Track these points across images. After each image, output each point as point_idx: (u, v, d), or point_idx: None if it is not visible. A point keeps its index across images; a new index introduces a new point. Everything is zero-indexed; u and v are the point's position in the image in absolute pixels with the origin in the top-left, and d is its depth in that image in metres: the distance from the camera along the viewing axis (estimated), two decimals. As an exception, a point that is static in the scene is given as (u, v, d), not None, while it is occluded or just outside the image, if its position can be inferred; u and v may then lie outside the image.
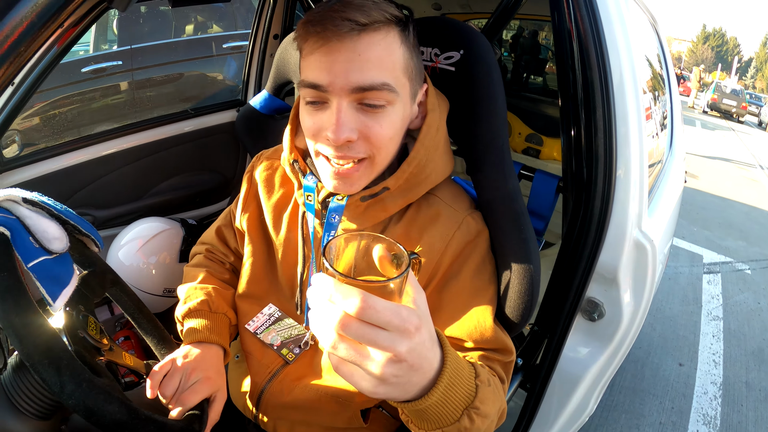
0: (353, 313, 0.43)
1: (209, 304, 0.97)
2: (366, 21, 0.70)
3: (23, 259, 0.62)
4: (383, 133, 0.76)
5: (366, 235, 0.52)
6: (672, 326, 3.19)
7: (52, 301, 0.64)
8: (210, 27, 5.32)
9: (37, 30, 0.50)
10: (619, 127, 1.02)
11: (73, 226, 0.73)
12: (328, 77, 0.72)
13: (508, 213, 0.86)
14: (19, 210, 0.66)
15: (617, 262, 1.08)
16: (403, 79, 0.77)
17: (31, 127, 3.86)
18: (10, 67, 0.50)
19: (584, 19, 0.99)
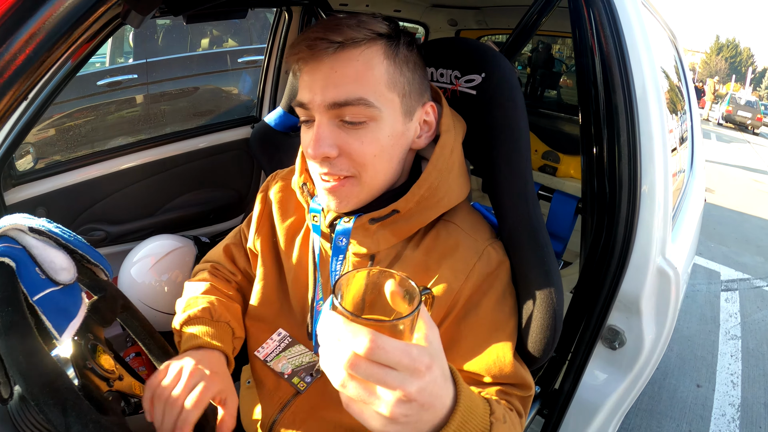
0: (362, 354, 0.43)
1: (211, 313, 0.91)
2: (341, 39, 0.71)
3: (29, 291, 0.60)
4: (364, 150, 0.75)
5: (377, 269, 0.51)
6: (690, 346, 3.12)
7: (59, 335, 0.62)
8: (225, 41, 5.35)
9: (49, 47, 0.48)
10: (644, 151, 0.99)
11: (81, 256, 0.71)
12: (309, 95, 0.74)
13: (531, 244, 0.83)
14: (26, 239, 0.64)
15: (640, 291, 1.05)
16: (389, 94, 0.75)
17: (46, 139, 3.88)
18: (23, 84, 0.48)
19: (608, 38, 0.97)
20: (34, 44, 0.47)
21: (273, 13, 2.03)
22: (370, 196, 0.81)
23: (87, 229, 1.81)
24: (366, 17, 0.75)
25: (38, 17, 0.47)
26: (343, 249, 0.83)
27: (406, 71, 0.76)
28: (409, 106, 0.78)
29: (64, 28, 0.49)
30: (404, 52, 0.77)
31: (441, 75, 0.93)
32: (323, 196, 0.81)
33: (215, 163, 2.10)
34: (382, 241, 0.82)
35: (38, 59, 0.48)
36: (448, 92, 0.93)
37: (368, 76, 0.73)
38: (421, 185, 0.79)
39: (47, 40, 0.47)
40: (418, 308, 0.45)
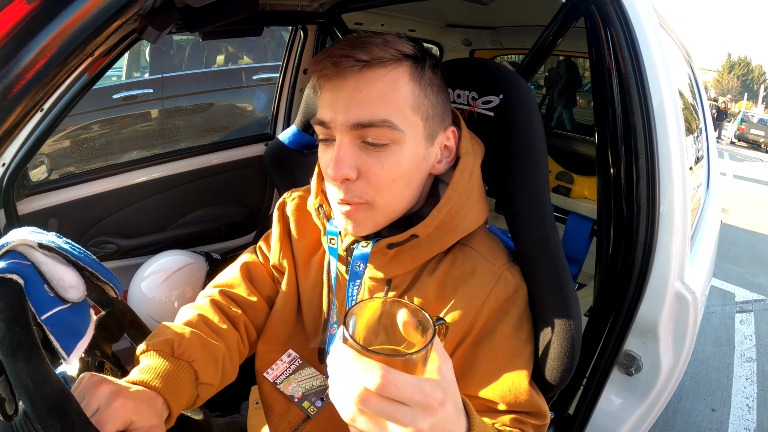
0: (373, 389, 0.42)
1: (173, 346, 0.77)
2: (367, 58, 0.69)
3: (37, 310, 0.58)
4: (384, 173, 0.73)
5: (390, 299, 0.50)
6: (704, 369, 3.06)
7: (67, 355, 0.61)
8: (241, 58, 5.40)
9: (61, 60, 0.47)
10: (662, 172, 0.97)
11: (91, 273, 0.70)
12: (331, 113, 0.72)
13: (549, 270, 0.81)
14: (35, 255, 0.62)
15: (657, 316, 1.03)
16: (413, 117, 0.73)
17: (60, 151, 3.92)
18: (34, 97, 0.47)
19: (625, 59, 0.96)
20: (45, 58, 0.46)
21: (288, 31, 2.04)
22: (387, 220, 0.79)
23: (98, 242, 1.81)
24: (392, 37, 0.73)
25: (51, 31, 0.46)
26: (360, 274, 0.82)
27: (430, 94, 0.75)
28: (432, 130, 0.76)
29: (77, 43, 0.48)
30: (429, 75, 0.75)
31: (458, 96, 0.92)
32: (340, 220, 0.79)
33: (228, 179, 2.10)
34: (400, 267, 0.80)
35: (49, 73, 0.47)
36: (465, 113, 0.92)
37: (394, 97, 0.71)
38: (441, 210, 0.77)
39: (59, 54, 0.47)
40: (432, 341, 0.44)
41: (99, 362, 0.73)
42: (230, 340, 0.88)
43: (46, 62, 0.46)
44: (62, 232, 1.66)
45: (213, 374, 0.81)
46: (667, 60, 1.03)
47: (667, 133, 0.97)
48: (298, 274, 0.95)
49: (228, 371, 0.86)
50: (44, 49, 0.46)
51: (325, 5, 1.79)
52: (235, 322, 0.92)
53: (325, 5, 1.79)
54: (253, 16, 1.60)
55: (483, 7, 2.12)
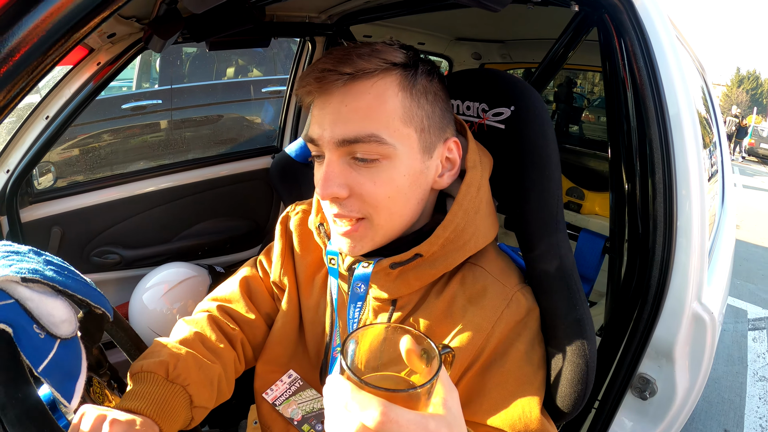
0: (372, 426, 0.39)
1: (168, 369, 0.75)
2: (351, 70, 0.66)
3: (32, 362, 0.54)
4: (377, 191, 0.69)
5: (392, 325, 0.47)
6: (716, 388, 2.99)
7: (68, 402, 0.56)
8: (250, 71, 5.41)
9: (45, 49, 0.45)
10: (680, 187, 0.94)
11: (80, 300, 0.65)
12: (319, 130, 0.70)
13: (563, 290, 0.77)
14: (18, 291, 0.57)
15: (674, 338, 0.99)
16: (405, 129, 0.69)
17: (68, 159, 3.94)
18: (18, 83, 0.45)
19: (641, 69, 0.93)
20: (27, 46, 0.44)
21: (296, 43, 2.04)
22: (386, 239, 0.75)
23: (101, 252, 1.80)
24: (381, 45, 0.70)
25: (34, 18, 0.44)
26: (362, 296, 0.78)
27: (424, 104, 0.71)
28: (429, 142, 0.72)
29: (61, 32, 0.45)
30: (423, 83, 0.71)
31: (467, 108, 0.89)
32: (336, 239, 0.76)
33: (234, 191, 2.09)
34: (405, 287, 0.77)
35: (31, 62, 0.45)
36: (474, 126, 0.88)
37: (381, 110, 0.67)
38: (447, 227, 0.73)
39: (42, 42, 0.44)
40: (438, 374, 0.41)
41: (88, 378, 0.70)
42: (227, 359, 0.87)
43: (28, 50, 0.44)
44: (65, 241, 1.66)
45: (208, 397, 0.80)
46: (684, 70, 1.00)
47: (684, 147, 0.93)
48: (300, 292, 0.91)
49: (224, 390, 0.85)
50: (28, 35, 0.44)
51: (334, 17, 1.79)
52: (232, 341, 0.90)
53: (334, 17, 1.79)
54: (261, 27, 1.60)
55: (493, 20, 2.13)
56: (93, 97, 1.46)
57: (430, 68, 0.74)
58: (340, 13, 1.74)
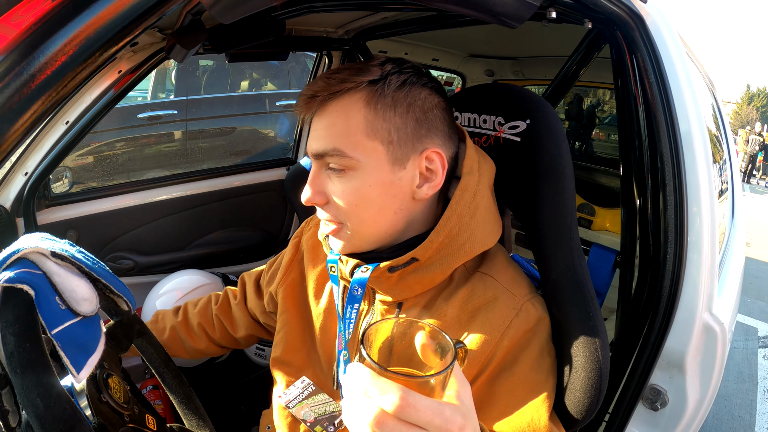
0: (391, 411, 0.40)
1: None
2: (324, 94, 0.73)
3: (47, 324, 0.57)
4: (345, 198, 0.75)
5: (406, 320, 0.48)
6: (726, 406, 2.96)
7: (77, 372, 0.58)
8: (265, 84, 5.45)
9: (84, 59, 0.46)
10: (691, 202, 0.94)
11: (105, 285, 0.68)
12: (307, 145, 0.79)
13: (576, 298, 0.78)
14: (47, 265, 0.60)
15: (685, 348, 0.99)
16: (369, 143, 0.72)
17: (84, 165, 3.99)
18: (55, 93, 0.46)
19: (652, 85, 0.95)
20: (66, 55, 0.45)
21: (312, 58, 2.07)
22: (365, 243, 0.79)
23: (115, 257, 1.82)
24: (360, 64, 0.75)
25: (75, 28, 0.45)
26: (359, 298, 0.80)
27: (391, 116, 0.72)
28: (399, 154, 0.74)
29: (101, 42, 0.47)
30: (392, 95, 0.73)
31: (484, 121, 0.91)
32: (328, 239, 0.83)
33: (249, 202, 2.11)
34: (406, 290, 0.79)
35: (71, 70, 0.46)
36: (491, 139, 0.91)
37: (344, 125, 0.73)
38: (440, 231, 0.75)
39: (81, 52, 0.46)
40: (453, 364, 0.43)
41: (107, 375, 0.71)
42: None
43: (67, 59, 0.45)
44: (80, 245, 1.66)
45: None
46: (694, 87, 1.01)
47: (695, 161, 0.95)
48: (312, 300, 0.94)
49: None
50: (67, 44, 0.45)
51: (351, 32, 1.82)
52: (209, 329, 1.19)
53: (351, 32, 1.82)
54: (280, 41, 1.62)
55: (506, 38, 2.15)
56: (113, 104, 1.49)
57: (406, 78, 0.74)
58: (357, 28, 1.77)
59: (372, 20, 1.65)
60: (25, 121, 0.44)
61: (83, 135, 1.51)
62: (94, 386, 0.67)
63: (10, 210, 1.50)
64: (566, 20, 0.96)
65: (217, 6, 0.65)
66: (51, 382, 0.53)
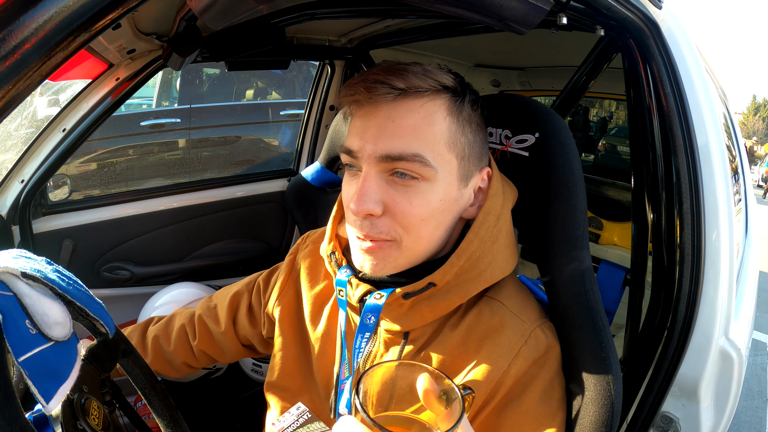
0: None
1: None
2: (403, 86, 0.65)
3: (14, 350, 0.52)
4: (413, 211, 0.67)
5: (409, 363, 0.45)
6: (736, 424, 2.89)
7: (46, 402, 0.54)
8: (269, 93, 5.46)
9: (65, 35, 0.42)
10: (708, 218, 0.90)
11: (80, 308, 0.63)
12: (359, 142, 0.68)
13: (587, 325, 0.73)
14: (18, 286, 0.56)
15: (699, 375, 0.94)
16: (448, 155, 0.68)
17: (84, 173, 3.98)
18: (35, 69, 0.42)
19: (668, 96, 0.91)
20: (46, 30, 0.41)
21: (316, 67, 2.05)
22: (409, 263, 0.72)
23: (112, 267, 1.80)
24: (431, 67, 0.69)
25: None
26: (371, 327, 0.75)
27: (468, 132, 0.70)
28: (467, 171, 0.71)
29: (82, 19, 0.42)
30: (468, 111, 0.70)
31: (489, 134, 0.86)
32: (358, 256, 0.73)
33: (249, 213, 2.08)
34: (418, 319, 0.73)
35: (51, 45, 0.41)
36: (497, 153, 0.86)
37: (428, 131, 0.66)
38: (461, 255, 0.70)
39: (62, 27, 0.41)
40: (461, 420, 0.38)
41: (85, 399, 0.67)
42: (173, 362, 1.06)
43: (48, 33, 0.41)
44: (77, 254, 1.66)
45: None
46: (711, 97, 0.97)
47: (713, 176, 0.91)
48: (309, 323, 0.88)
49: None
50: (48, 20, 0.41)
51: (354, 41, 1.80)
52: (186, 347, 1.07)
53: (354, 41, 1.80)
54: (281, 49, 1.60)
55: (512, 47, 2.12)
56: (110, 112, 1.47)
57: (475, 98, 0.73)
58: (360, 37, 1.75)
59: (376, 28, 1.63)
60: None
61: (80, 143, 1.49)
62: (70, 412, 0.63)
63: (6, 218, 1.47)
64: (577, 27, 0.93)
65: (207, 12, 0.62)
66: (14, 414, 0.48)
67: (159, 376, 1.08)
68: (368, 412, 0.38)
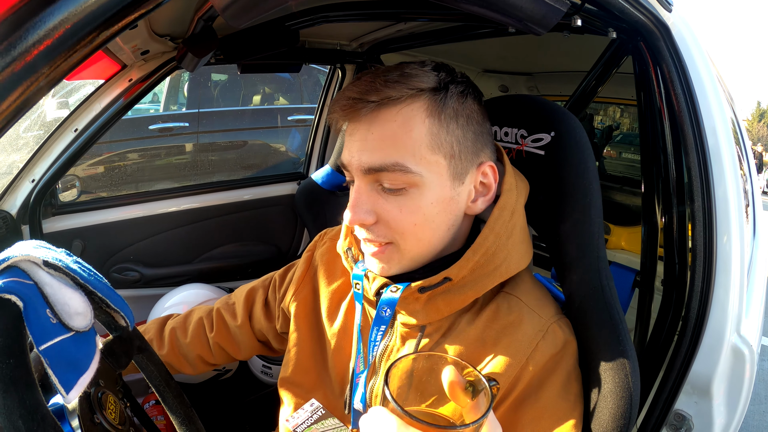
0: None
1: None
2: (377, 99, 0.66)
3: (35, 339, 0.52)
4: (403, 218, 0.68)
5: (435, 354, 0.45)
6: (744, 428, 2.85)
7: (66, 392, 0.53)
8: (277, 99, 5.47)
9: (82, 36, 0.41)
10: (720, 218, 0.90)
11: (101, 299, 0.63)
12: (348, 156, 0.70)
13: (605, 320, 0.74)
14: (39, 274, 0.56)
15: (712, 372, 0.94)
16: (432, 157, 0.67)
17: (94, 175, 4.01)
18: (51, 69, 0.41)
19: (679, 97, 0.92)
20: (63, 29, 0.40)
21: (324, 73, 2.06)
22: (414, 263, 0.73)
23: (121, 269, 1.80)
24: (412, 68, 0.68)
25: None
26: (387, 320, 0.76)
27: (454, 128, 0.69)
28: (460, 168, 0.70)
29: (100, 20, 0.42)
30: (453, 106, 0.69)
31: (505, 134, 0.87)
32: (368, 259, 0.75)
33: (258, 216, 2.08)
34: (434, 313, 0.73)
35: (67, 47, 0.40)
36: (513, 152, 0.87)
37: (406, 137, 0.66)
38: (476, 251, 0.70)
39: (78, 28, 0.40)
40: (489, 411, 0.39)
41: (102, 393, 0.67)
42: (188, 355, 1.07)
43: (63, 34, 0.40)
44: (86, 255, 1.67)
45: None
46: (721, 98, 0.98)
47: (724, 177, 0.91)
48: (325, 319, 0.89)
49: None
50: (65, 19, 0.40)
51: (365, 45, 1.81)
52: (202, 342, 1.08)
53: (365, 45, 1.81)
54: (293, 53, 1.61)
55: (521, 52, 2.13)
56: (123, 113, 1.48)
57: (463, 89, 0.71)
58: (371, 41, 1.76)
59: (386, 33, 1.64)
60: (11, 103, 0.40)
61: (92, 143, 1.50)
62: (87, 406, 0.63)
63: (16, 217, 1.48)
64: (589, 30, 0.94)
65: (230, 9, 0.62)
66: (35, 402, 0.48)
67: (172, 373, 1.08)
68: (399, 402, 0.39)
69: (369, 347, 0.78)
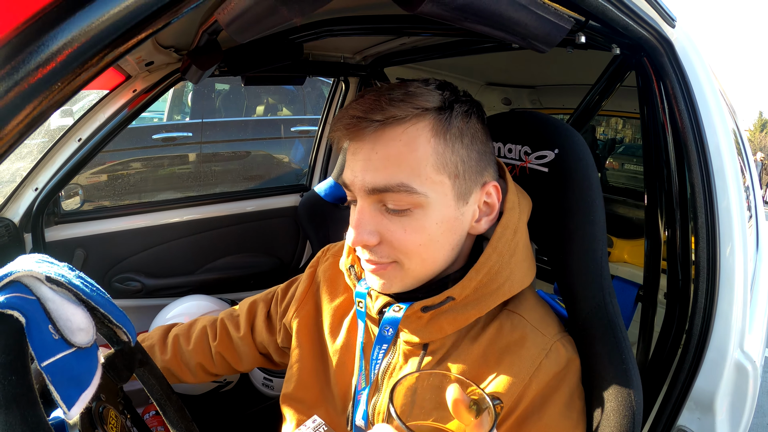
0: None
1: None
2: (381, 118, 0.65)
3: (37, 355, 0.52)
4: (408, 238, 0.67)
5: (439, 373, 0.45)
6: (748, 442, 2.83)
7: (68, 408, 0.53)
8: (280, 110, 5.48)
9: (87, 58, 0.41)
10: (723, 233, 0.90)
11: (103, 314, 0.63)
12: (350, 175, 0.69)
13: (608, 338, 0.73)
14: (41, 290, 0.55)
15: (715, 388, 0.94)
16: (437, 177, 0.66)
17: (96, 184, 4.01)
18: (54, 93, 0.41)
19: (682, 112, 0.92)
20: (69, 51, 0.40)
21: (328, 85, 2.07)
22: (416, 282, 0.73)
23: (123, 278, 1.80)
24: (416, 87, 0.68)
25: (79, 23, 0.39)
26: (389, 339, 0.75)
27: (459, 148, 0.68)
28: (464, 188, 0.69)
29: (107, 41, 0.42)
30: (459, 125, 0.68)
31: (509, 150, 0.87)
32: (369, 276, 0.74)
33: (261, 228, 2.08)
34: (437, 331, 0.73)
35: (71, 70, 0.40)
36: (516, 169, 0.87)
37: (411, 158, 0.65)
38: (479, 270, 0.70)
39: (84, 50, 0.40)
40: (492, 429, 0.39)
41: (103, 408, 0.67)
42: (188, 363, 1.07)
43: (69, 55, 0.39)
44: (88, 264, 1.67)
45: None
46: (723, 113, 0.98)
47: (727, 191, 0.91)
48: (328, 336, 0.88)
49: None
50: (71, 41, 0.39)
51: (368, 58, 1.81)
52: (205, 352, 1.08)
53: (368, 58, 1.81)
54: (297, 65, 1.62)
55: (525, 65, 2.14)
56: (126, 123, 1.49)
57: (467, 108, 0.71)
58: (374, 54, 1.77)
59: (390, 46, 1.65)
60: (20, 120, 0.40)
61: (95, 153, 1.50)
62: (88, 421, 0.63)
63: (19, 225, 1.48)
64: (593, 46, 0.94)
65: (234, 24, 0.63)
66: (37, 419, 0.48)
67: (172, 383, 1.08)
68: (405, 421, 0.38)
69: (371, 365, 0.78)
